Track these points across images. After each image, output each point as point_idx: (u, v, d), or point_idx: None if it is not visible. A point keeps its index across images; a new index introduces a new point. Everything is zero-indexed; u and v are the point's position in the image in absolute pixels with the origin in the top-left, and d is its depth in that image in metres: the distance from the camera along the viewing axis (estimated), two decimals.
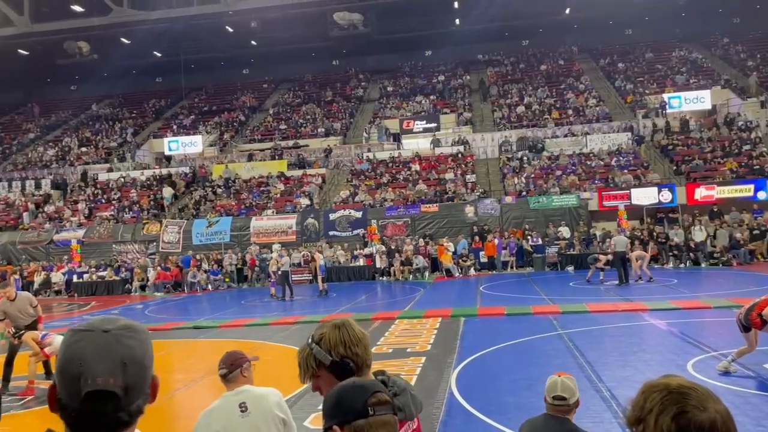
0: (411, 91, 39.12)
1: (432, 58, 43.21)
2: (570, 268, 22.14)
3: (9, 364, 9.05)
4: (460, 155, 30.21)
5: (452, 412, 6.67)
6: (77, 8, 33.52)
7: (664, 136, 28.90)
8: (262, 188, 30.10)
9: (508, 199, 25.43)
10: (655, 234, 22.47)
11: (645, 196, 23.96)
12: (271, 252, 22.23)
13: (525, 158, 28.98)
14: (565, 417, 3.40)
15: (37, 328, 9.47)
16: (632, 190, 24.15)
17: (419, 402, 2.03)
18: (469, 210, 25.14)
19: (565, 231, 23.66)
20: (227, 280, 24.43)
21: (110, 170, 34.16)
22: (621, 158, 27.54)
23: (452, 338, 10.74)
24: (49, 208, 30.68)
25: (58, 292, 24.89)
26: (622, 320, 11.86)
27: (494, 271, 23.16)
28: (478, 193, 26.43)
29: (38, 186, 33.19)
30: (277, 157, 32.72)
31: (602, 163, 27.66)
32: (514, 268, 23.31)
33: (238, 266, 24.92)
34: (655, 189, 24.03)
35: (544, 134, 31.15)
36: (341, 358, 1.96)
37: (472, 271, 22.90)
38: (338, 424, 1.51)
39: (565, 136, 30.63)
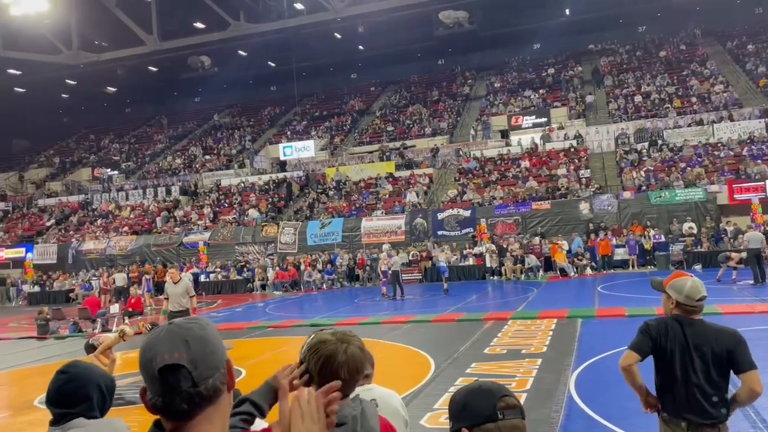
0: (519, 86, 38.28)
1: (540, 51, 42.00)
2: (697, 267, 20.63)
3: None
4: (572, 150, 29.13)
5: (572, 416, 6.45)
6: (199, 25, 35.92)
7: None
8: (371, 189, 30.67)
9: (627, 195, 24.17)
10: None
11: None
12: (381, 252, 22.59)
13: (644, 150, 27.42)
14: (690, 318, 3.23)
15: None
16: (767, 181, 22.14)
17: None
18: (584, 207, 24.17)
19: (690, 227, 22.12)
20: (341, 279, 25.12)
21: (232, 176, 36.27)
22: (753, 147, 25.31)
23: (569, 340, 10.37)
24: (179, 213, 33.08)
25: None
26: (758, 323, 10.90)
27: (612, 271, 22.09)
28: (593, 189, 25.34)
29: (168, 192, 35.86)
30: (385, 159, 33.22)
31: (732, 153, 25.58)
32: (635, 267, 22.10)
33: (350, 266, 25.56)
34: None
35: (665, 124, 29.30)
36: None
37: (588, 271, 21.98)
38: (467, 427, 1.52)
39: (689, 125, 28.63)
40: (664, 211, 23.31)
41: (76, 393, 2.16)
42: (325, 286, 24.62)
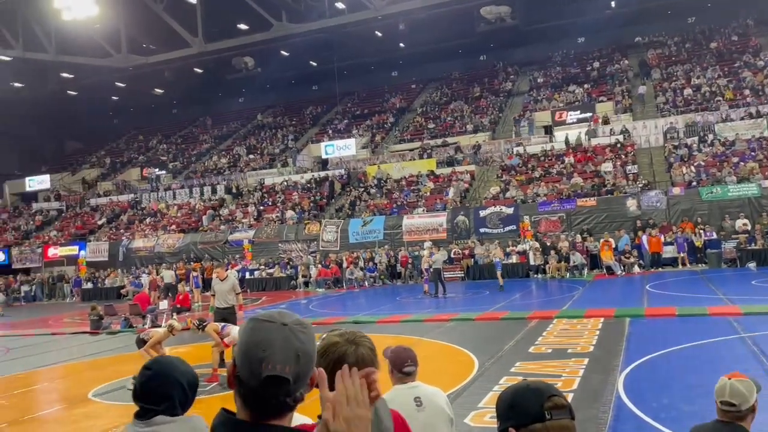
0: (563, 80, 37.62)
1: (585, 45, 41.19)
2: (752, 265, 19.91)
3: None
4: (619, 145, 28.46)
5: (621, 417, 6.31)
6: (243, 26, 36.49)
7: None
8: (412, 187, 30.64)
9: (676, 191, 23.48)
10: None
11: None
12: (423, 249, 22.54)
13: (694, 145, 26.60)
14: (738, 424, 3.04)
15: (235, 314, 10.42)
16: None
17: None
18: (631, 203, 23.59)
19: (744, 223, 21.34)
20: (382, 277, 25.19)
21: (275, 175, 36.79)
22: None
23: (617, 340, 10.14)
24: (224, 211, 33.73)
25: None
26: None
27: (661, 269, 21.50)
28: (640, 185, 24.70)
29: (214, 191, 36.60)
30: (426, 156, 33.14)
31: None
32: (685, 265, 21.46)
33: (391, 263, 25.59)
34: None
35: (717, 118, 28.33)
36: None
37: (635, 269, 21.44)
38: (514, 426, 1.50)
39: (742, 118, 27.61)
40: (715, 208, 22.56)
41: (158, 390, 2.21)
42: (367, 283, 24.72)
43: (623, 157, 27.44)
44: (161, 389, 2.20)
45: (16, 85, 43.49)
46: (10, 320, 22.88)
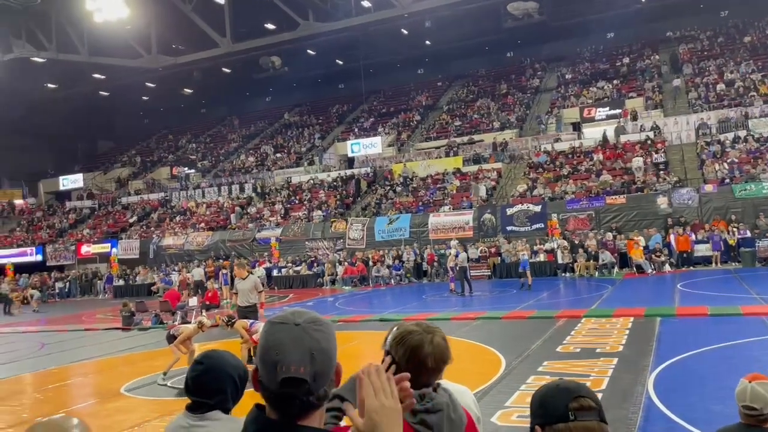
0: (592, 76, 37.12)
1: (614, 40, 40.58)
2: None
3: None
4: (649, 141, 27.98)
5: (651, 418, 6.22)
6: (270, 26, 36.77)
7: None
8: (438, 185, 30.55)
9: (708, 188, 23.01)
10: None
11: None
12: (449, 248, 22.46)
13: (727, 141, 26.01)
14: (763, 427, 2.97)
15: (257, 312, 10.54)
16: None
17: (458, 427, 1.85)
18: (662, 201, 23.18)
19: None
20: (409, 275, 25.18)
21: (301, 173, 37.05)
22: None
23: (647, 339, 9.99)
24: (252, 210, 34.06)
25: None
26: None
27: (692, 268, 21.09)
28: (672, 182, 24.26)
29: (242, 190, 36.99)
30: (452, 154, 33.02)
31: None
32: (718, 263, 21.02)
33: (418, 262, 25.57)
34: None
35: (751, 113, 27.66)
36: None
37: (666, 268, 21.07)
38: (540, 425, 1.50)
39: None
40: (749, 205, 22.05)
41: (210, 384, 2.22)
42: (393, 281, 24.74)
43: (654, 153, 26.97)
44: (214, 383, 2.22)
45: (50, 86, 44.52)
46: (45, 316, 23.46)
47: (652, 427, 6.00)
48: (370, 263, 25.53)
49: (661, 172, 25.32)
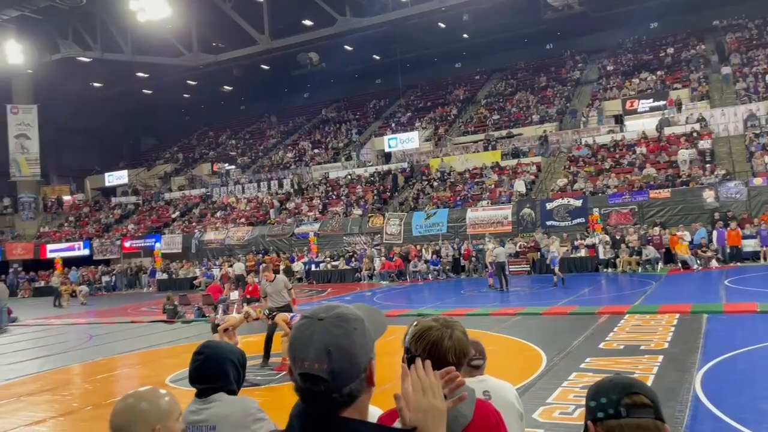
0: (634, 68, 36.25)
1: (658, 30, 39.49)
2: None
3: (268, 341, 10.37)
4: (695, 133, 27.18)
5: (698, 417, 6.06)
6: (308, 22, 37.02)
7: None
8: (476, 180, 30.32)
9: (758, 181, 22.24)
10: None
11: None
12: (488, 242, 22.27)
13: None
14: None
15: (291, 309, 10.68)
16: None
17: (457, 426, 1.81)
18: (708, 195, 22.52)
19: None
20: (446, 270, 25.09)
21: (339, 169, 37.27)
22: None
23: (693, 337, 9.73)
24: (290, 205, 34.43)
25: (299, 280, 27.79)
26: None
27: (740, 263, 20.44)
28: (718, 176, 23.54)
29: (281, 185, 37.42)
30: (490, 148, 32.70)
31: None
32: (767, 259, 20.31)
33: (455, 257, 25.45)
34: None
35: None
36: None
37: (713, 263, 20.46)
38: (592, 420, 1.47)
39: None
40: None
41: (212, 371, 2.41)
42: (430, 276, 24.69)
43: (699, 146, 26.20)
44: (217, 369, 2.40)
45: (96, 85, 45.81)
46: (93, 309, 24.19)
47: (700, 427, 5.85)
48: (408, 258, 25.51)
49: (708, 165, 24.60)
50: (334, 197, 33.73)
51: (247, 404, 2.40)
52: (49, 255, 36.39)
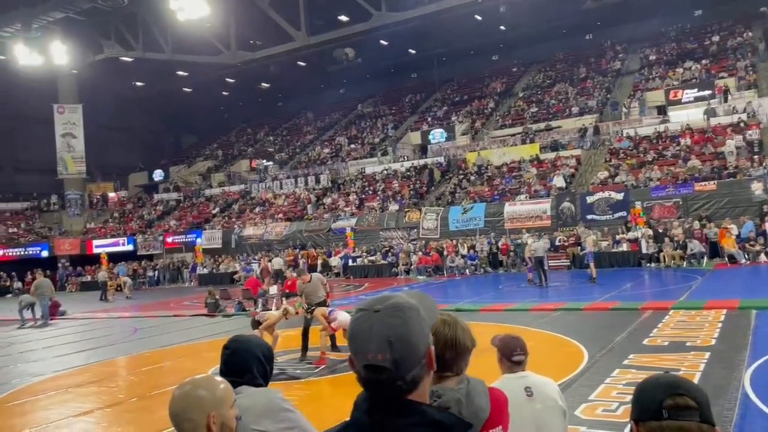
0: (678, 57, 35.25)
1: (703, 18, 38.32)
2: None
3: (305, 335, 10.48)
4: (742, 124, 26.29)
5: (748, 416, 5.87)
6: (343, 18, 37.12)
7: None
8: (514, 173, 29.96)
9: None
10: None
11: None
12: (528, 237, 22.00)
13: None
14: None
15: (326, 304, 10.80)
16: None
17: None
18: (757, 187, 21.77)
19: None
20: (484, 265, 24.89)
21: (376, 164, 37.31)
22: None
23: (742, 333, 9.42)
24: (327, 200, 34.65)
25: (337, 275, 27.94)
26: None
27: None
28: (767, 167, 22.71)
29: (318, 181, 37.69)
30: (528, 141, 32.26)
31: None
32: None
33: (493, 251, 25.22)
34: None
35: None
36: None
37: (762, 257, 19.78)
38: (635, 420, 1.43)
39: None
40: None
41: (239, 365, 2.47)
42: (468, 271, 24.53)
43: (747, 136, 25.34)
44: (242, 364, 2.46)
45: (138, 84, 46.88)
46: (137, 303, 24.81)
47: (750, 425, 5.66)
48: (445, 253, 25.40)
49: (756, 156, 23.77)
50: (370, 192, 33.80)
51: (270, 394, 2.46)
52: (95, 250, 37.42)
